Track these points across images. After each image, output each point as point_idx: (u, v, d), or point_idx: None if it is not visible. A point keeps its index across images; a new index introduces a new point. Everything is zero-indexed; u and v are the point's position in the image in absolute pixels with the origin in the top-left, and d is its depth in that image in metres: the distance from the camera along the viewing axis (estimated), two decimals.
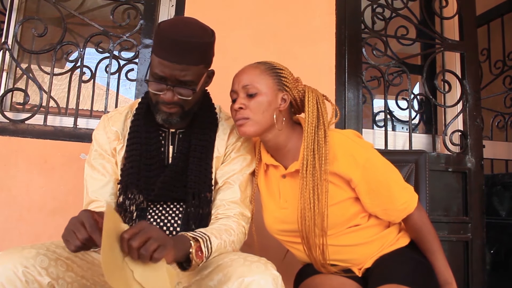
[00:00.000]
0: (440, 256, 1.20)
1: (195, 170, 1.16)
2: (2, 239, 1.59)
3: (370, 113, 2.26)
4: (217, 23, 1.88)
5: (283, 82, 1.21)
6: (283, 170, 1.23)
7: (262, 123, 1.18)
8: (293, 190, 1.20)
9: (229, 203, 1.16)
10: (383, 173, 1.20)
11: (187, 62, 1.06)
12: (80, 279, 0.99)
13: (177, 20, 1.12)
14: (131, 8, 1.86)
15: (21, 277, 0.86)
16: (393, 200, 1.19)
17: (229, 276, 0.93)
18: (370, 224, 1.23)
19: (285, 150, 1.23)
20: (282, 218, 1.24)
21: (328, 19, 1.97)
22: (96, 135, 1.22)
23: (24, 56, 2.17)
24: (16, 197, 1.62)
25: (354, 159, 1.16)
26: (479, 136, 2.08)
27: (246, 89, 1.18)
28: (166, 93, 1.08)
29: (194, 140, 1.18)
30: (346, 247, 1.21)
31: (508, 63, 2.74)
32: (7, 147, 1.65)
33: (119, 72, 1.87)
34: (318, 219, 1.13)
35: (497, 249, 2.34)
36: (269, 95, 1.18)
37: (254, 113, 1.17)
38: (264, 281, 0.90)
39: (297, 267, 1.37)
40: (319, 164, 1.13)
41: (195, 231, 1.02)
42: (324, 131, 1.16)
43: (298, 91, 1.23)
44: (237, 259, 0.97)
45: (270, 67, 1.22)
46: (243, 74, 1.21)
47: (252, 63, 1.24)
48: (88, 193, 1.18)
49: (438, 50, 2.17)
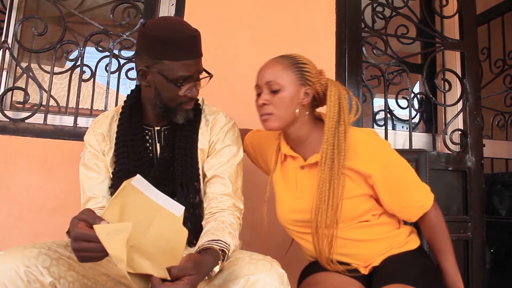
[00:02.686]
0: (451, 258, 1.21)
1: (181, 161, 1.17)
2: (2, 238, 1.59)
3: (370, 112, 2.26)
4: (217, 22, 1.89)
5: (306, 77, 1.21)
6: (302, 162, 1.26)
7: (285, 118, 1.20)
8: (310, 181, 1.22)
9: (221, 196, 1.16)
10: (401, 171, 1.22)
11: (200, 54, 1.13)
12: (81, 278, 0.99)
13: (166, 21, 1.13)
14: (131, 7, 1.86)
15: (23, 277, 0.86)
16: (411, 197, 1.22)
17: (235, 274, 0.93)
18: (380, 222, 1.25)
19: (306, 143, 1.26)
20: (297, 207, 1.25)
21: (328, 18, 1.97)
22: (87, 139, 1.25)
23: (24, 55, 2.17)
24: (16, 196, 1.62)
25: (374, 156, 1.19)
26: (479, 135, 2.08)
27: (269, 85, 1.20)
28: (194, 89, 1.14)
29: (179, 131, 1.20)
30: (353, 241, 1.22)
31: (508, 62, 2.74)
32: (7, 146, 1.65)
33: (119, 71, 1.87)
34: (331, 211, 1.15)
35: (497, 248, 2.34)
36: (291, 90, 1.19)
37: (277, 108, 1.19)
38: (270, 279, 0.90)
39: (300, 266, 1.38)
40: (338, 158, 1.16)
41: (217, 240, 0.98)
42: (345, 126, 1.18)
43: (321, 85, 1.24)
44: (243, 257, 0.98)
45: (293, 62, 1.22)
46: (266, 69, 1.23)
47: (276, 57, 1.25)
48: (85, 192, 1.19)
49: (438, 49, 2.17)
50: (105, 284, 1.04)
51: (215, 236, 1.00)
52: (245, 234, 1.28)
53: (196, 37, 1.10)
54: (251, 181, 1.69)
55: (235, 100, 1.80)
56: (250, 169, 1.53)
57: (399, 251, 1.23)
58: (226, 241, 0.99)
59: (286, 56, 1.24)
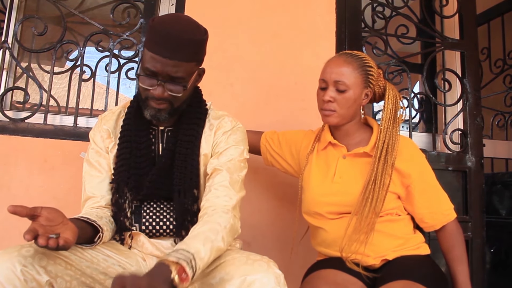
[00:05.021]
0: (465, 268, 1.29)
1: (180, 167, 1.15)
2: (2, 238, 1.59)
3: (370, 112, 2.26)
4: (217, 22, 1.89)
5: (370, 79, 1.31)
6: (345, 151, 1.34)
7: (345, 116, 1.31)
8: (352, 169, 1.31)
9: (217, 186, 1.12)
10: (433, 178, 1.33)
11: (179, 58, 1.04)
12: (79, 277, 0.99)
13: (171, 16, 1.12)
14: (131, 6, 1.86)
15: (19, 276, 0.86)
16: (441, 204, 1.32)
17: (231, 275, 0.93)
18: (399, 220, 1.31)
19: (351, 136, 1.36)
20: (332, 191, 1.31)
21: (328, 18, 1.96)
22: (91, 135, 1.24)
23: (24, 55, 2.17)
24: (16, 196, 1.62)
25: (415, 158, 1.32)
26: (479, 135, 2.08)
27: (337, 84, 1.28)
28: (157, 88, 1.07)
29: (180, 135, 1.17)
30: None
31: (508, 62, 2.73)
32: (7, 146, 1.65)
33: (119, 71, 1.87)
34: (379, 201, 1.23)
35: (497, 248, 2.34)
36: (356, 92, 1.29)
37: (340, 107, 1.29)
38: (267, 280, 0.90)
39: (299, 266, 1.39)
40: (391, 154, 1.26)
41: (179, 248, 0.92)
42: (397, 127, 1.30)
43: (379, 87, 1.34)
44: (240, 257, 0.97)
45: (362, 65, 1.30)
46: (336, 67, 1.29)
47: (344, 55, 1.32)
48: (85, 189, 1.19)
49: (438, 49, 2.16)
50: (103, 283, 1.04)
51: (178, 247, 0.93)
52: (245, 234, 1.28)
53: (181, 39, 1.03)
54: (252, 181, 1.69)
55: (235, 100, 1.80)
56: (251, 169, 1.53)
57: (412, 253, 1.28)
58: (188, 250, 0.90)
59: (355, 56, 1.31)
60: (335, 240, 1.28)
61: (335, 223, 1.30)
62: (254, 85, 1.85)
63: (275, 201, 1.79)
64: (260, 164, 1.61)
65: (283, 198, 1.78)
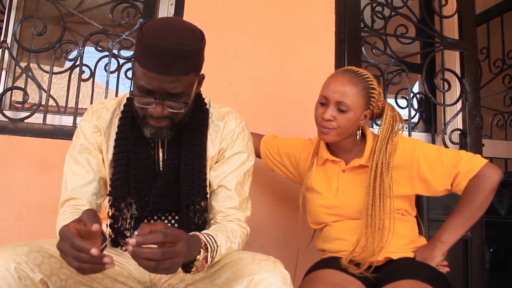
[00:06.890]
0: (460, 220, 1.28)
1: (187, 180, 1.08)
2: (1, 238, 1.59)
3: None
4: (216, 22, 1.89)
5: (371, 102, 1.30)
6: (343, 165, 1.36)
7: (343, 135, 1.31)
8: (353, 182, 1.33)
9: (227, 210, 1.11)
10: (433, 147, 1.32)
11: (176, 73, 0.94)
12: (75, 276, 0.97)
13: (162, 24, 0.97)
14: (130, 6, 1.86)
15: (13, 274, 0.85)
16: (456, 163, 1.26)
17: (239, 274, 0.93)
18: (404, 219, 1.33)
19: (348, 151, 1.37)
20: (337, 204, 1.33)
21: (327, 18, 1.96)
22: (82, 126, 1.13)
23: (23, 54, 2.16)
24: (15, 196, 1.62)
25: (408, 143, 1.31)
26: (479, 135, 2.08)
27: (339, 104, 1.26)
28: (155, 107, 0.97)
29: (184, 145, 1.10)
30: None
31: (507, 62, 2.73)
32: (6, 146, 1.65)
33: (118, 70, 1.87)
34: (381, 210, 1.24)
35: (496, 247, 2.34)
36: (357, 114, 1.28)
37: (340, 126, 1.28)
38: (274, 279, 0.90)
39: (300, 267, 1.39)
40: (386, 164, 1.26)
41: (208, 234, 0.96)
42: (391, 143, 1.28)
43: (378, 107, 1.35)
44: (246, 257, 0.97)
45: (366, 86, 1.28)
46: (339, 86, 1.27)
47: (349, 73, 1.30)
48: (67, 189, 1.10)
49: (437, 49, 2.17)
50: (101, 282, 1.03)
51: (209, 232, 0.99)
52: None
53: (177, 52, 0.92)
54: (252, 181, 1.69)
55: (234, 100, 1.80)
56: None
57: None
58: (216, 240, 0.96)
59: (360, 76, 1.29)
60: (341, 234, 1.32)
61: (341, 222, 1.34)
62: (253, 85, 1.85)
63: (275, 201, 1.79)
64: (260, 164, 1.61)
65: (283, 199, 1.78)
